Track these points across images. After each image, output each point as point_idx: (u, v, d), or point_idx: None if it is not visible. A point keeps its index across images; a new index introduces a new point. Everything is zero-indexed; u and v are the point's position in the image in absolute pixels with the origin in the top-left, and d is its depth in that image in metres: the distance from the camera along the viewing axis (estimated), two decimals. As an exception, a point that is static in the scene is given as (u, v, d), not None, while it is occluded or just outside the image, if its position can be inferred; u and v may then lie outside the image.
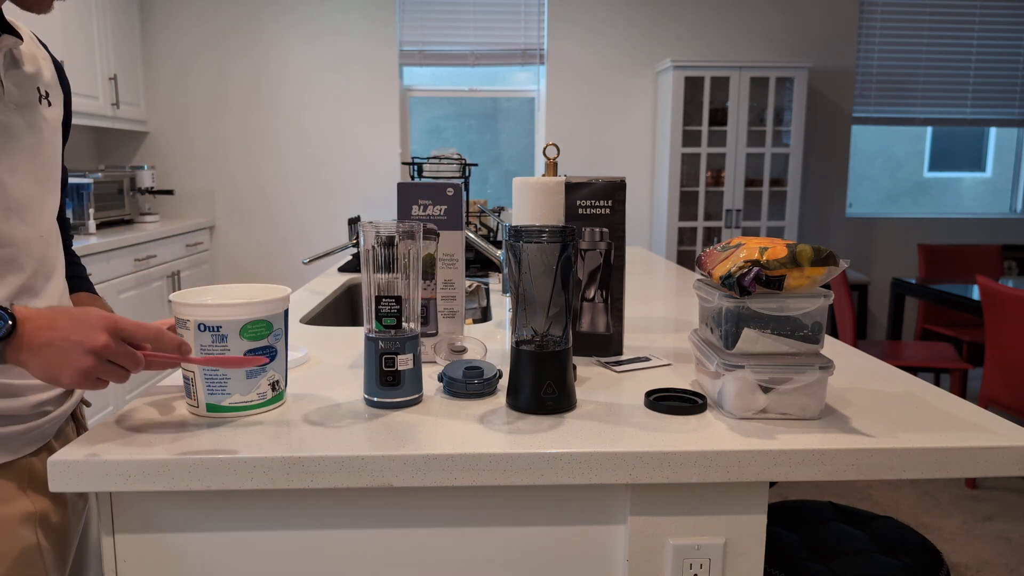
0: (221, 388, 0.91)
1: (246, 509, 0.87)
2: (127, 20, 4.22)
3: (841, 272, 1.36)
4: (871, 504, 2.89)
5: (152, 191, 4.25)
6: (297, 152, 4.58)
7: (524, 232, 0.93)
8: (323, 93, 4.53)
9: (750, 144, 4.49)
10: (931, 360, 3.28)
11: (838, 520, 1.29)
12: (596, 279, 1.20)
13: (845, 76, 4.68)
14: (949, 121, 4.81)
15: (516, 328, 0.96)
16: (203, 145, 4.55)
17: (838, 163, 4.79)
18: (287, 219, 4.64)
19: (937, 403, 1.00)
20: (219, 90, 4.50)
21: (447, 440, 0.85)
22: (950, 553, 2.54)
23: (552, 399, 0.94)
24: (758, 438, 0.86)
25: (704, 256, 1.03)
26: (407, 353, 0.95)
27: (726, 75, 4.28)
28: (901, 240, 4.92)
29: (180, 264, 4.12)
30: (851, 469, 0.84)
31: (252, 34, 4.46)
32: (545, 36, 4.55)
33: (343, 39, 4.49)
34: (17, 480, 0.91)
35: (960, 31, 4.70)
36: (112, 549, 0.87)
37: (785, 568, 1.13)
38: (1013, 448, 0.85)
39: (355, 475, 0.82)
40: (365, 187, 4.63)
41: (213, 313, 0.88)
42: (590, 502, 0.89)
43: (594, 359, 1.21)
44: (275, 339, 0.93)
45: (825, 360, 0.92)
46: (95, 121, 3.86)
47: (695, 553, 0.89)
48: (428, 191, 1.17)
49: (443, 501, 0.88)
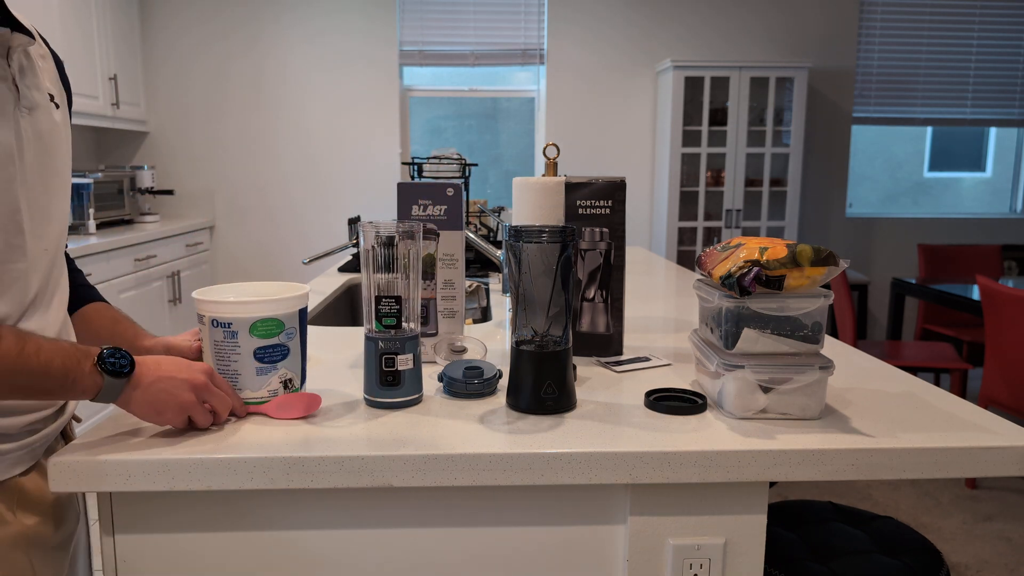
0: (233, 383, 0.93)
1: (246, 509, 0.87)
2: (127, 20, 4.22)
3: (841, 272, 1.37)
4: (871, 504, 2.89)
5: (152, 191, 4.25)
6: (297, 152, 4.58)
7: (524, 232, 0.93)
8: (323, 93, 4.53)
9: (750, 144, 4.49)
10: (931, 360, 3.28)
11: (838, 520, 1.29)
12: (596, 279, 1.20)
13: (845, 76, 4.68)
14: (949, 121, 4.81)
15: (516, 328, 0.96)
16: (203, 145, 4.55)
17: (838, 163, 4.79)
18: (287, 219, 4.64)
19: (937, 403, 1.00)
20: (219, 90, 4.50)
21: (447, 440, 0.85)
22: (950, 553, 2.54)
23: (552, 399, 0.94)
24: (758, 438, 0.86)
25: (704, 256, 1.03)
26: (407, 353, 0.95)
27: (726, 75, 4.28)
28: (901, 240, 4.92)
29: (180, 264, 4.12)
30: (851, 469, 0.84)
31: (252, 34, 4.46)
32: (545, 36, 4.55)
33: (343, 39, 4.49)
34: (6, 502, 0.87)
35: (960, 31, 4.70)
36: (112, 549, 0.87)
37: (785, 568, 1.13)
38: (1013, 448, 0.85)
39: (355, 475, 0.82)
40: (365, 187, 4.63)
41: (224, 310, 0.91)
42: (590, 502, 0.88)
43: (594, 359, 1.21)
44: (287, 337, 0.94)
45: (825, 360, 0.92)
46: (95, 121, 3.86)
47: (695, 553, 0.89)
48: (428, 191, 1.17)
49: (443, 501, 0.88)
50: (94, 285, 1.16)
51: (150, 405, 0.85)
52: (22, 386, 0.78)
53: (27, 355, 0.77)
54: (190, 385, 0.86)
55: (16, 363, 0.76)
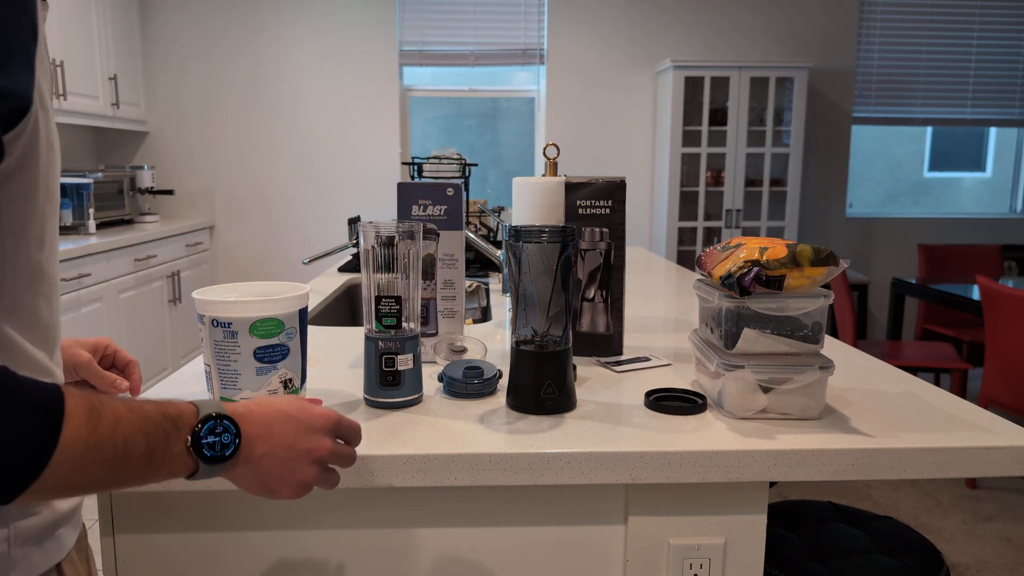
0: (233, 383, 0.93)
1: (246, 509, 0.87)
2: (127, 20, 4.22)
3: (841, 272, 1.36)
4: (871, 504, 2.89)
5: (152, 191, 4.25)
6: (297, 152, 4.58)
7: (524, 232, 0.93)
8: (323, 93, 4.53)
9: (750, 144, 4.49)
10: (931, 360, 3.28)
11: (838, 520, 1.29)
12: (596, 279, 1.20)
13: (845, 76, 4.68)
14: (949, 121, 4.81)
15: (516, 328, 0.96)
16: (203, 145, 4.55)
17: (838, 163, 4.79)
18: (287, 219, 4.64)
19: (937, 403, 1.00)
20: (219, 90, 4.50)
21: (447, 440, 0.85)
22: (950, 553, 2.54)
23: (552, 399, 0.94)
24: (758, 438, 0.86)
25: (704, 256, 1.03)
26: (407, 353, 0.95)
27: (726, 75, 4.28)
28: (901, 240, 4.92)
29: (180, 264, 4.12)
30: (851, 469, 0.84)
31: (252, 34, 4.46)
32: (545, 36, 4.55)
33: (343, 39, 4.49)
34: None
35: (960, 31, 4.70)
36: (112, 549, 0.87)
37: (785, 568, 1.13)
38: (1013, 448, 0.85)
39: (355, 475, 0.82)
40: (365, 187, 4.63)
41: (224, 310, 0.91)
42: (590, 502, 0.88)
43: (594, 359, 1.21)
44: (287, 337, 0.94)
45: (825, 360, 0.92)
46: (95, 121, 3.86)
47: (695, 553, 0.89)
48: (428, 191, 1.17)
49: (443, 501, 0.88)
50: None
51: (259, 484, 0.67)
52: (93, 480, 0.56)
53: (101, 437, 0.55)
54: (312, 458, 0.68)
55: (88, 450, 0.54)
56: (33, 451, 0.51)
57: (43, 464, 0.52)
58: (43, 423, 0.52)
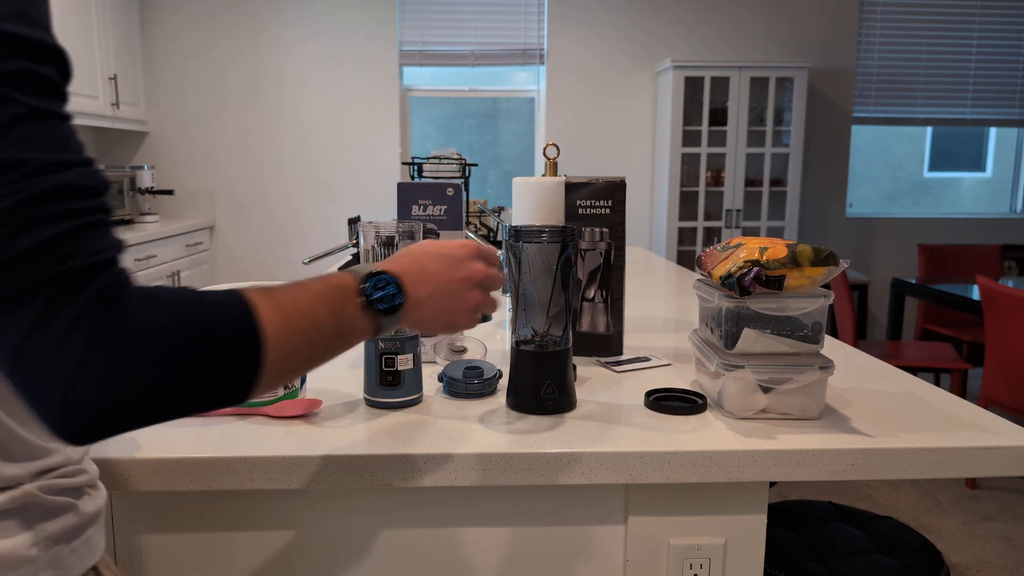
0: None
1: (246, 509, 0.87)
2: (127, 20, 4.22)
3: (841, 272, 1.36)
4: (871, 504, 2.89)
5: (152, 191, 4.25)
6: (297, 152, 4.58)
7: (524, 232, 0.93)
8: (323, 93, 4.53)
9: (750, 144, 4.49)
10: (931, 360, 3.28)
11: (838, 520, 1.29)
12: (596, 279, 1.20)
13: (845, 76, 4.68)
14: (949, 121, 4.81)
15: (516, 328, 0.96)
16: (203, 145, 4.55)
17: (838, 163, 4.79)
18: (287, 219, 4.64)
19: (937, 403, 1.00)
20: (219, 90, 4.50)
21: (447, 440, 0.85)
22: (950, 553, 2.54)
23: (552, 399, 0.94)
24: (758, 438, 0.86)
25: (704, 256, 1.03)
26: (407, 353, 0.95)
27: (726, 75, 4.28)
28: (901, 240, 4.92)
29: (180, 264, 4.12)
30: (851, 469, 0.84)
31: (252, 34, 4.46)
32: (545, 36, 4.55)
33: (343, 39, 4.49)
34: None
35: (960, 31, 4.70)
36: (112, 549, 0.87)
37: (785, 568, 1.13)
38: (1013, 448, 0.85)
39: (355, 475, 0.82)
40: (365, 187, 4.63)
41: None
42: (590, 502, 0.88)
43: (594, 359, 1.21)
44: None
45: (825, 360, 0.92)
46: (95, 121, 3.86)
47: (695, 553, 0.89)
48: (428, 191, 1.17)
49: (443, 501, 0.88)
50: None
51: (439, 321, 0.73)
52: (305, 358, 0.59)
53: (290, 317, 0.57)
54: (472, 283, 0.74)
55: (286, 327, 0.57)
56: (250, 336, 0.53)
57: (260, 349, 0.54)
58: (243, 313, 0.54)
